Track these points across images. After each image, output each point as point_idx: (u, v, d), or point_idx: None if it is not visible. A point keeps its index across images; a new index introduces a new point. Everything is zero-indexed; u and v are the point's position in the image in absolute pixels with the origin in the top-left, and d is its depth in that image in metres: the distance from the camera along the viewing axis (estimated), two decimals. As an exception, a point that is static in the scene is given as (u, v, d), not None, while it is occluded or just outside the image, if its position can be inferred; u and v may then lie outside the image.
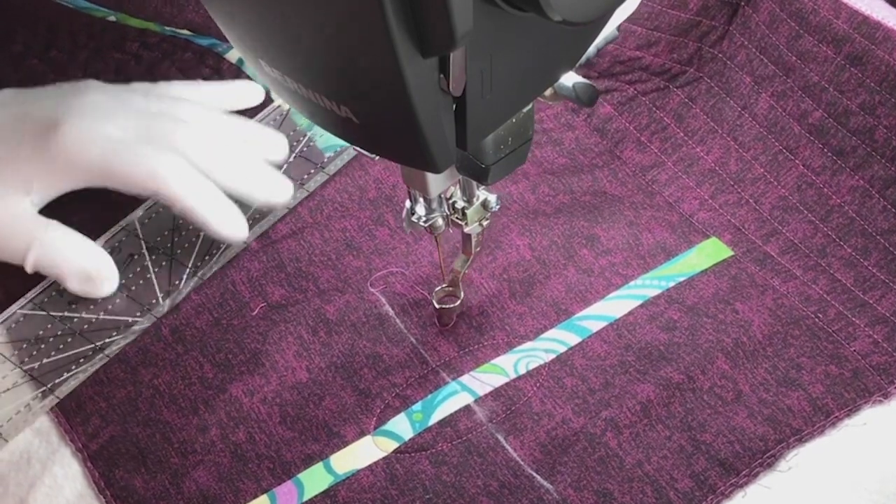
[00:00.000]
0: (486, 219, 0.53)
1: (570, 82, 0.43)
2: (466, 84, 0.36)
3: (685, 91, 0.67)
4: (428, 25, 0.32)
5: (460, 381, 0.56)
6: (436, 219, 0.52)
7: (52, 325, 0.60)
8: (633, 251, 0.60)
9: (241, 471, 0.54)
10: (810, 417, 0.52)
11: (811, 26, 0.62)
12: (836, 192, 0.60)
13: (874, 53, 0.60)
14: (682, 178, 0.64)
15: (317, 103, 0.38)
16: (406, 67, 0.33)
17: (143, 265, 0.63)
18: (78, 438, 0.56)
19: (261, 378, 0.57)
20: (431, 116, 0.36)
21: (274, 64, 0.38)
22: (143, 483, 0.54)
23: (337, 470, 0.54)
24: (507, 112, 0.41)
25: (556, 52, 0.40)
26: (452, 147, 0.39)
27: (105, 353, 0.59)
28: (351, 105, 0.37)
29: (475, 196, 0.52)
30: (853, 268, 0.58)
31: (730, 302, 0.57)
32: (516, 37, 0.37)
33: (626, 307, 0.58)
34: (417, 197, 0.51)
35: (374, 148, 0.41)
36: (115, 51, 0.74)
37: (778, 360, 0.54)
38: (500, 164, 0.45)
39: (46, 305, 0.61)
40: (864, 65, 0.60)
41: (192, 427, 0.56)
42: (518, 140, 0.45)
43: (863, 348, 0.54)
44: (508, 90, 0.39)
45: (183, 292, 0.62)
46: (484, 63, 0.36)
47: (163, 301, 0.61)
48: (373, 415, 0.56)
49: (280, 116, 0.69)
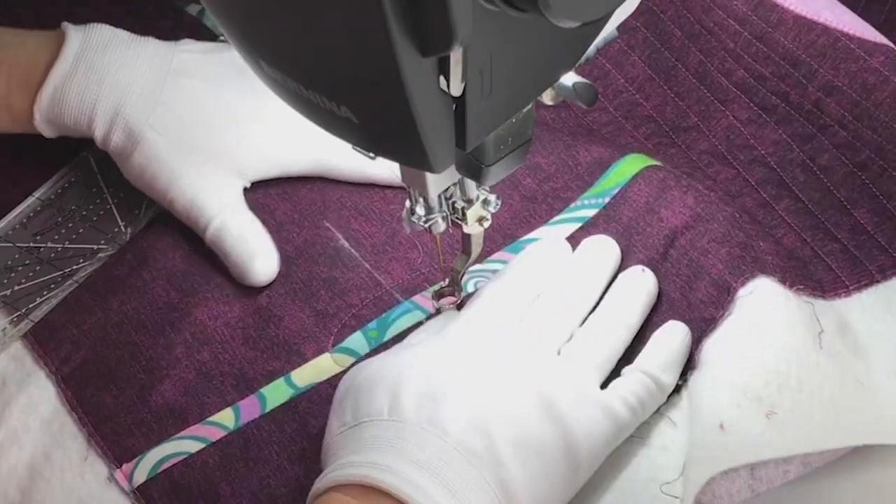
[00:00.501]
0: (486, 219, 0.54)
1: (570, 82, 0.43)
2: (466, 84, 0.36)
3: (623, 40, 0.69)
4: (427, 25, 0.32)
5: (413, 300, 0.60)
6: (436, 219, 0.52)
7: (19, 255, 0.63)
8: (571, 172, 0.63)
9: (205, 387, 0.58)
10: (717, 301, 0.54)
11: (716, 2, 0.65)
12: (760, 143, 0.63)
13: (772, 36, 0.63)
14: (620, 122, 0.67)
15: (317, 103, 0.38)
16: (405, 67, 0.33)
17: (102, 197, 0.66)
18: (52, 363, 0.59)
19: (224, 304, 0.60)
20: (431, 116, 0.36)
21: (274, 64, 0.38)
22: (113, 398, 0.58)
23: (297, 384, 0.57)
24: (506, 112, 0.41)
25: (555, 52, 0.40)
26: (451, 147, 0.39)
27: (74, 280, 0.62)
28: (351, 105, 0.37)
29: (475, 196, 0.52)
30: (765, 207, 0.61)
31: (656, 210, 0.59)
32: (516, 37, 0.36)
33: (568, 230, 0.61)
34: (417, 197, 0.52)
35: (374, 148, 0.41)
36: (79, 6, 0.75)
37: (693, 252, 0.56)
38: (500, 164, 0.45)
39: (12, 237, 0.64)
40: (766, 42, 0.63)
41: (159, 346, 0.59)
42: (518, 140, 0.45)
43: (768, 248, 0.57)
44: (508, 90, 0.39)
45: (143, 220, 0.64)
46: (484, 63, 0.36)
47: (125, 229, 0.64)
48: (330, 333, 0.59)
49: None
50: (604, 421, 0.49)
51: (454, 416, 0.47)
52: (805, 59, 0.61)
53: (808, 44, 0.61)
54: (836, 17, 0.62)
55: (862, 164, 0.59)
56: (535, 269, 0.56)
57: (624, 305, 0.54)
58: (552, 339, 0.52)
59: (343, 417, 0.49)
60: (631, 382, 0.51)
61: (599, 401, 0.49)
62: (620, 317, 0.53)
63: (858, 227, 0.58)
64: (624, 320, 0.53)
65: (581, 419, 0.48)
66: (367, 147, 0.41)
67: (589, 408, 0.48)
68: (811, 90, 0.61)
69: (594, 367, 0.51)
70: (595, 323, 0.53)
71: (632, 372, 0.52)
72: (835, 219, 0.59)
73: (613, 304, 0.54)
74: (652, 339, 0.53)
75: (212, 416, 0.57)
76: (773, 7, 0.63)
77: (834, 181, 0.60)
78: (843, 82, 0.60)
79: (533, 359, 0.50)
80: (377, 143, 0.40)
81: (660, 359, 0.52)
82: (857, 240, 0.58)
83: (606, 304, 0.54)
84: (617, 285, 0.55)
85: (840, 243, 0.58)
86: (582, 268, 0.56)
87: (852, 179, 0.60)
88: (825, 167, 0.61)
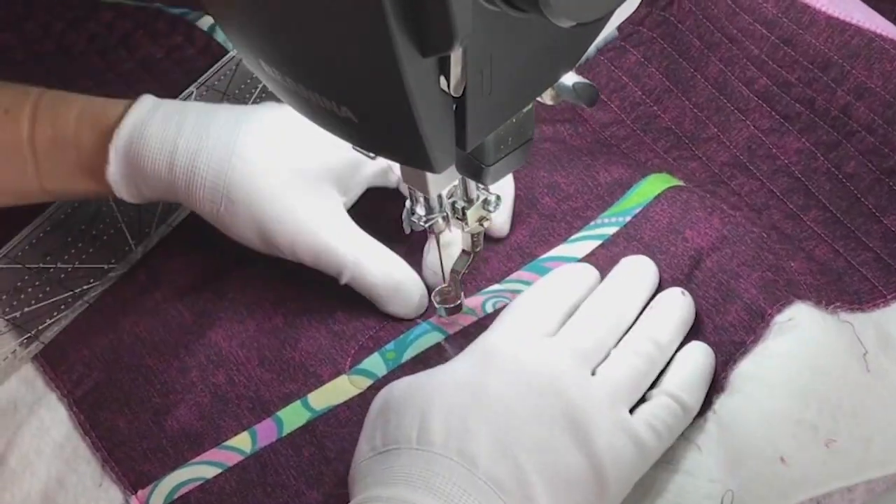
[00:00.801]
0: (487, 219, 0.54)
1: (570, 82, 0.43)
2: (466, 84, 0.36)
3: (640, 51, 0.69)
4: (428, 25, 0.32)
5: (431, 321, 0.59)
6: (436, 219, 0.52)
7: (28, 277, 0.62)
8: (591, 192, 0.62)
9: (221, 410, 0.57)
10: (749, 325, 0.53)
11: (743, 6, 0.65)
12: (783, 153, 0.63)
13: (802, 38, 0.62)
14: (639, 135, 0.67)
15: (317, 103, 0.38)
16: (406, 67, 0.33)
17: (112, 216, 0.65)
18: (64, 385, 0.58)
19: (239, 324, 0.59)
20: (431, 116, 0.36)
21: (274, 64, 0.38)
22: (127, 423, 0.56)
23: (314, 406, 0.56)
24: (506, 112, 0.41)
25: (556, 52, 0.40)
26: (452, 147, 0.39)
27: (84, 300, 0.61)
28: (351, 105, 0.37)
29: (475, 196, 0.52)
30: (793, 219, 0.61)
31: (680, 231, 0.58)
32: (516, 37, 0.37)
33: (588, 248, 0.60)
34: (418, 197, 0.52)
35: (374, 148, 0.41)
36: (89, 21, 0.75)
37: (722, 275, 0.55)
38: (500, 164, 0.45)
39: (21, 258, 0.63)
40: (795, 46, 0.62)
41: (173, 369, 0.58)
42: (518, 140, 0.45)
43: (800, 268, 0.56)
44: (508, 90, 0.39)
45: (154, 239, 0.63)
46: (484, 63, 0.36)
47: (135, 248, 0.63)
48: (347, 355, 0.58)
49: (235, 66, 0.71)
50: (633, 449, 0.47)
51: (483, 445, 0.46)
52: (837, 60, 0.61)
53: (841, 45, 0.61)
54: (868, 19, 0.62)
55: (890, 170, 0.59)
56: (566, 288, 0.54)
57: (662, 328, 0.53)
58: (588, 357, 0.50)
59: (373, 441, 0.48)
60: (657, 407, 0.50)
61: (630, 428, 0.48)
62: (658, 339, 0.52)
63: (889, 234, 0.58)
64: (661, 343, 0.52)
65: (612, 447, 0.47)
66: (367, 147, 0.42)
67: (619, 435, 0.47)
68: (840, 94, 0.61)
69: (627, 391, 0.49)
70: (631, 344, 0.51)
71: (658, 395, 0.50)
72: (865, 227, 0.59)
73: (651, 325, 0.53)
74: (675, 361, 0.52)
75: (228, 441, 0.56)
76: (804, 8, 0.62)
77: (861, 189, 0.60)
78: (877, 83, 0.60)
79: (567, 379, 0.49)
80: (377, 143, 0.40)
81: (685, 381, 0.51)
82: (889, 247, 0.57)
83: (643, 326, 0.53)
84: (655, 306, 0.54)
85: (873, 252, 0.58)
86: (619, 286, 0.55)
87: (880, 186, 0.59)
88: (851, 175, 0.60)
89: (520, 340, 0.51)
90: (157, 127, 0.56)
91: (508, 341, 0.51)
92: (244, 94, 0.70)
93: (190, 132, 0.56)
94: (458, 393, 0.48)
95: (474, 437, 0.46)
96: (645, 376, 0.51)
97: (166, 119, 0.56)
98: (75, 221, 0.64)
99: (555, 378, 0.48)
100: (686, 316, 0.54)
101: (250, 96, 0.69)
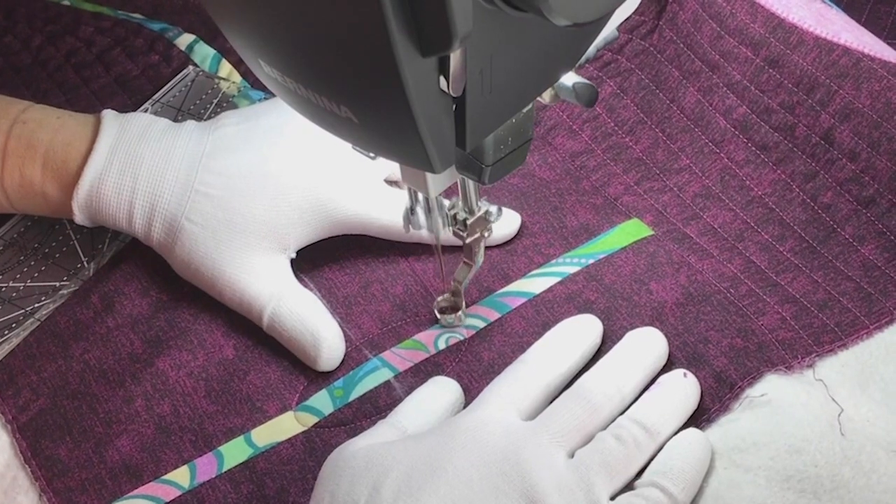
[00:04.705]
0: (488, 230, 0.54)
1: (570, 82, 0.43)
2: (466, 84, 0.36)
3: (616, 82, 0.67)
4: (427, 26, 0.32)
5: (381, 356, 0.58)
6: (436, 220, 0.52)
7: (-20, 295, 0.61)
8: (556, 233, 0.61)
9: (163, 442, 0.56)
10: (716, 393, 0.52)
11: (730, 29, 0.63)
12: (757, 185, 0.61)
13: (789, 58, 0.61)
14: (609, 165, 0.65)
15: (317, 104, 0.38)
16: (406, 67, 0.33)
17: (65, 233, 0.64)
18: (9, 411, 0.58)
19: (188, 354, 0.59)
20: (431, 116, 0.36)
21: (273, 64, 0.38)
22: (68, 452, 0.56)
23: (257, 443, 0.56)
24: (506, 112, 0.41)
25: (555, 52, 0.40)
26: (452, 147, 0.39)
27: (35, 318, 0.60)
28: (351, 105, 0.37)
29: (476, 207, 0.52)
30: (768, 251, 0.59)
31: (645, 282, 0.57)
32: (516, 37, 0.37)
33: (546, 284, 0.59)
34: (418, 197, 0.51)
35: (374, 148, 0.41)
36: (69, 35, 0.76)
37: (688, 336, 0.55)
38: (500, 163, 0.45)
39: (-28, 276, 0.62)
40: (781, 67, 0.61)
41: (118, 398, 0.57)
42: (518, 140, 0.45)
43: (770, 323, 0.55)
44: (508, 90, 0.39)
45: (107, 255, 0.63)
46: (484, 63, 0.36)
47: (87, 265, 0.62)
48: (296, 391, 0.57)
49: (190, 83, 0.70)
50: None
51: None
52: (824, 80, 0.60)
53: (829, 64, 0.60)
54: (857, 39, 0.61)
55: (869, 200, 0.58)
56: (562, 355, 0.52)
57: (653, 411, 0.50)
58: (566, 439, 0.48)
59: (321, 503, 0.47)
60: (638, 497, 0.46)
61: None
62: (647, 424, 0.49)
63: (869, 262, 0.57)
64: (650, 428, 0.49)
65: None
66: (367, 147, 0.42)
67: None
68: (824, 117, 0.59)
69: (607, 477, 0.46)
70: (615, 428, 0.49)
71: (643, 485, 0.47)
72: (843, 256, 0.57)
73: (642, 408, 0.50)
74: (668, 448, 0.49)
75: (166, 475, 0.55)
76: (792, 29, 0.61)
77: (838, 219, 0.58)
78: (864, 103, 0.58)
79: (535, 462, 0.46)
80: (377, 143, 0.40)
81: (675, 470, 0.48)
82: (869, 276, 0.56)
83: (635, 408, 0.50)
84: (653, 388, 0.51)
85: (853, 281, 0.56)
86: (619, 362, 0.52)
87: (857, 216, 0.58)
88: (828, 205, 0.59)
89: (496, 422, 0.49)
90: (113, 182, 0.58)
91: (482, 421, 0.49)
92: (199, 110, 0.69)
93: (144, 190, 0.58)
94: (417, 464, 0.46)
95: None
96: (627, 461, 0.48)
97: (122, 171, 0.58)
98: (28, 240, 0.64)
99: (522, 461, 0.46)
100: (685, 399, 0.51)
101: (205, 111, 0.69)
